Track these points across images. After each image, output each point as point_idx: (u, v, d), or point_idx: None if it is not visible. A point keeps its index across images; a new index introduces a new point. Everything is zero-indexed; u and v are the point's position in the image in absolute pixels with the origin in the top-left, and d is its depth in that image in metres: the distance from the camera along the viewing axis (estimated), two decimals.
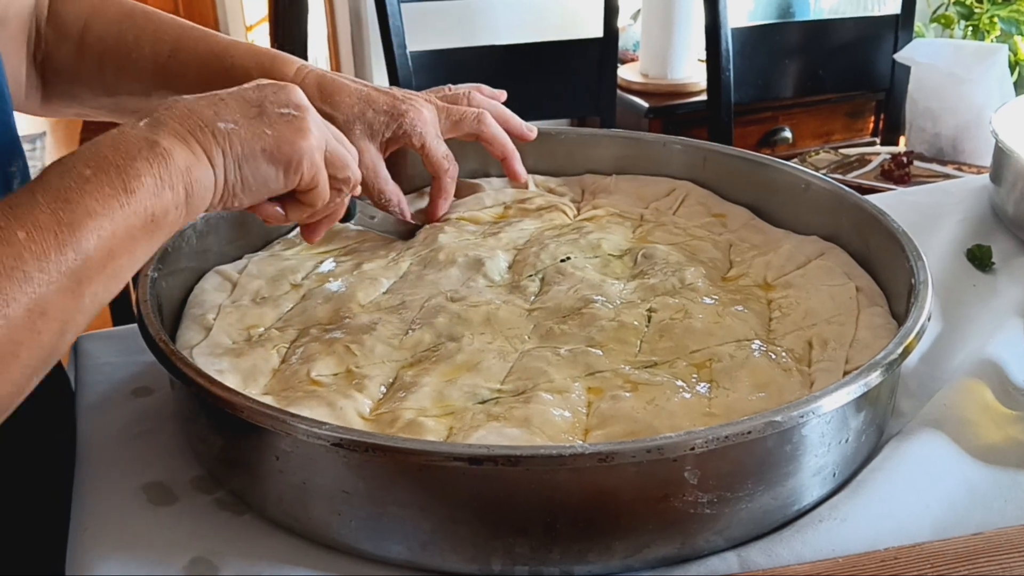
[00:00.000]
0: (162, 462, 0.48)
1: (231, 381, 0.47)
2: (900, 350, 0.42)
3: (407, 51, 1.51)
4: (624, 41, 1.99)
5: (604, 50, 1.59)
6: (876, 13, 1.95)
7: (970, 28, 1.93)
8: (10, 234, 0.36)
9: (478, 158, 0.71)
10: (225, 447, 0.44)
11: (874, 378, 0.41)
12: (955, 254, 0.66)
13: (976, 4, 1.97)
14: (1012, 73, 1.57)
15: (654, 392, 0.46)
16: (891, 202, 0.74)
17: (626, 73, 1.87)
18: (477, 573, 0.40)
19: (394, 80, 1.50)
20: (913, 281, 0.48)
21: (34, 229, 0.36)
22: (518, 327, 0.52)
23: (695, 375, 0.48)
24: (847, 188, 0.59)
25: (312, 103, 0.48)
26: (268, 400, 0.45)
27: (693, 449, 0.38)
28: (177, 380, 0.44)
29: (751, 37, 1.61)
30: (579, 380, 0.48)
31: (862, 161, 1.45)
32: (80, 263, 0.37)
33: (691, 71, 1.84)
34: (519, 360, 0.49)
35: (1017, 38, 1.85)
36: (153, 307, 0.48)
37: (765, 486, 0.40)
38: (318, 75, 0.59)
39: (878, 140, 1.85)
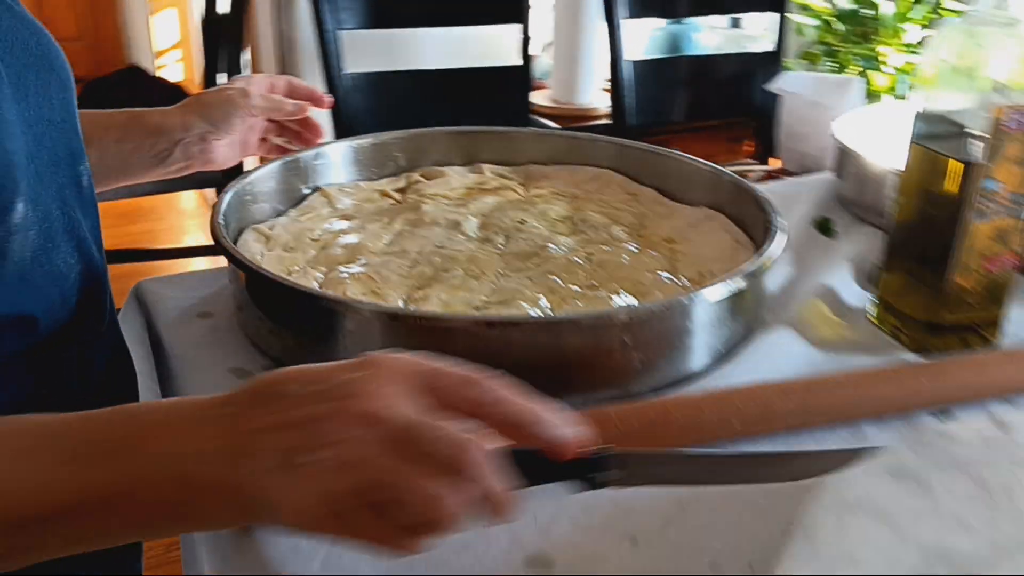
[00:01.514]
0: (238, 356, 0.64)
1: None
2: (758, 264, 0.63)
3: (343, 73, 1.68)
4: (535, 70, 2.21)
5: (521, 76, 1.80)
6: (752, 50, 2.22)
7: (833, 64, 2.23)
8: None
9: (440, 151, 0.90)
10: (296, 334, 0.61)
11: (739, 280, 0.61)
12: (806, 226, 0.89)
13: (837, 43, 2.27)
14: (869, 101, 1.85)
15: (597, 303, 0.66)
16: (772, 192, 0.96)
17: (537, 98, 2.09)
18: None
19: (334, 97, 1.67)
20: (770, 226, 0.69)
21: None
22: (493, 264, 0.71)
23: (623, 292, 0.68)
24: (725, 170, 0.80)
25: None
26: None
27: (626, 318, 0.57)
28: (255, 276, 0.61)
29: (646, 69, 1.85)
30: (544, 295, 0.67)
31: (742, 176, 1.70)
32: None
33: (595, 97, 2.08)
34: (498, 283, 0.68)
35: (871, 72, 2.14)
36: (223, 235, 0.65)
37: (676, 351, 0.60)
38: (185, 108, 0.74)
39: (755, 161, 2.12)
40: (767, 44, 2.00)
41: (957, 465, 0.47)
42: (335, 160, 0.84)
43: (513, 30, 1.80)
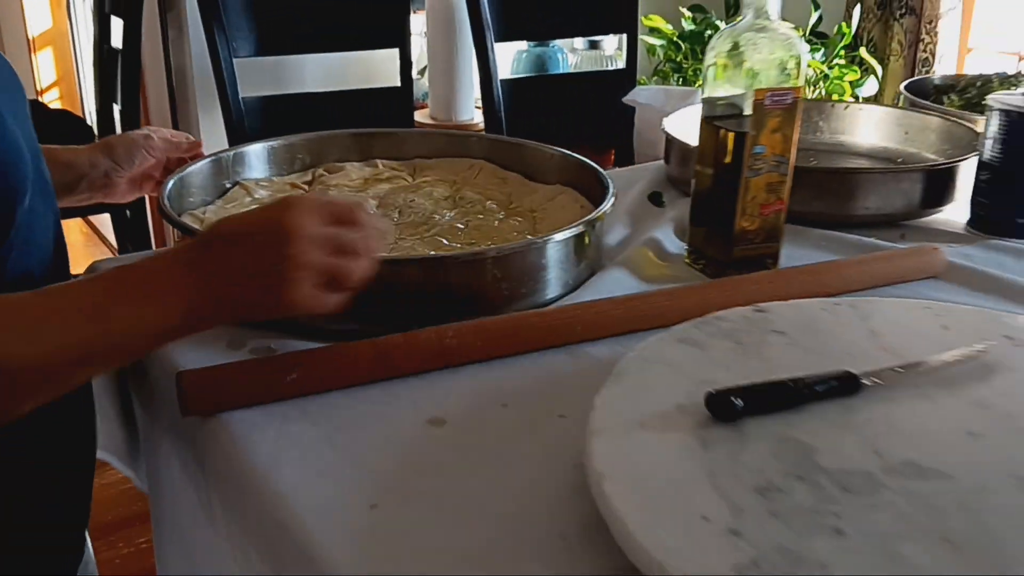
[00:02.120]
0: None
1: None
2: (594, 215, 0.83)
3: (239, 97, 1.83)
4: (414, 92, 2.40)
5: (403, 97, 1.98)
6: (609, 68, 2.48)
7: (680, 79, 2.50)
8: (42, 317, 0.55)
9: (340, 149, 1.08)
10: None
11: (579, 227, 0.81)
12: (642, 199, 1.10)
13: (684, 61, 2.55)
14: None
15: None
16: (615, 176, 1.16)
17: (419, 117, 2.28)
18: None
19: (229, 122, 1.82)
20: (605, 191, 0.89)
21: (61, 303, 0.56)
22: (392, 231, 0.89)
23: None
24: (572, 154, 1.00)
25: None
26: None
27: (495, 254, 0.76)
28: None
29: (516, 87, 2.06)
30: (433, 251, 0.85)
31: None
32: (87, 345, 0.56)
33: (472, 114, 2.28)
34: (396, 245, 0.86)
35: None
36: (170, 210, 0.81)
37: (535, 283, 0.79)
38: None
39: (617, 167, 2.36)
40: (622, 63, 2.24)
41: (724, 333, 0.68)
42: (252, 159, 1.01)
43: (393, 54, 1.98)
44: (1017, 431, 0.57)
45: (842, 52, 2.58)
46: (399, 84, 1.98)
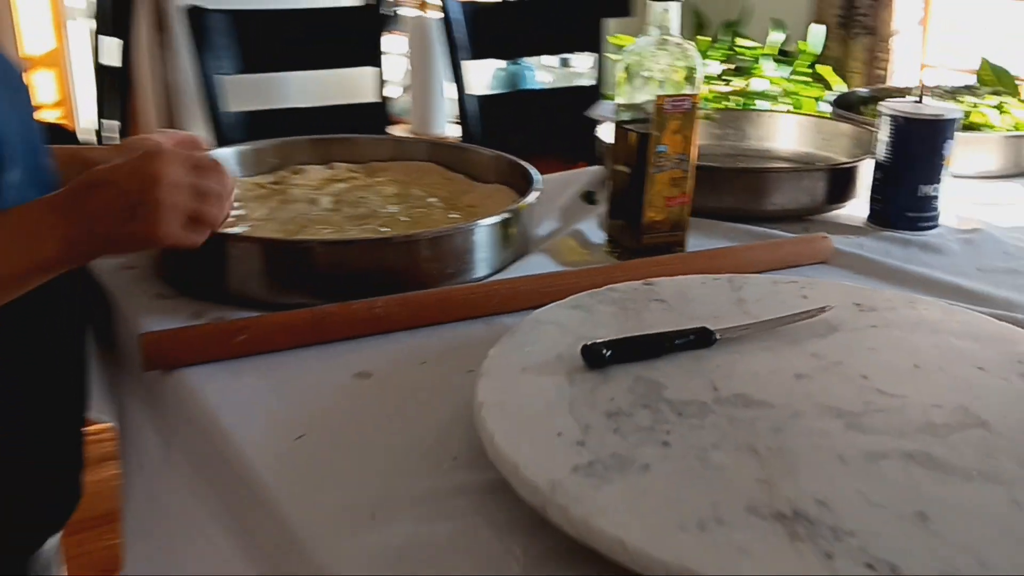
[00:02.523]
0: (156, 284, 0.91)
1: None
2: (517, 205, 0.95)
3: (224, 112, 1.95)
4: (397, 108, 2.53)
5: (379, 112, 2.11)
6: (579, 84, 2.60)
7: None
8: None
9: (304, 154, 1.19)
10: (198, 266, 0.89)
11: (504, 215, 0.92)
12: (576, 198, 1.21)
13: None
14: None
15: None
16: (555, 178, 1.28)
17: (397, 131, 2.41)
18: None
19: (215, 135, 1.94)
20: (530, 185, 1.01)
21: None
22: (341, 222, 1.01)
23: None
24: (506, 155, 1.12)
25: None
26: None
27: (429, 237, 0.87)
28: None
29: (488, 103, 2.18)
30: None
31: None
32: None
33: (448, 130, 2.41)
34: (345, 233, 0.98)
35: None
36: None
37: (465, 264, 0.90)
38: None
39: None
40: (590, 80, 2.36)
41: (611, 301, 0.79)
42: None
43: (370, 72, 2.11)
44: (840, 374, 0.68)
45: (805, 69, 2.71)
46: (376, 100, 2.10)
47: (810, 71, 2.68)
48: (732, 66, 2.64)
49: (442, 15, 2.10)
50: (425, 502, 0.59)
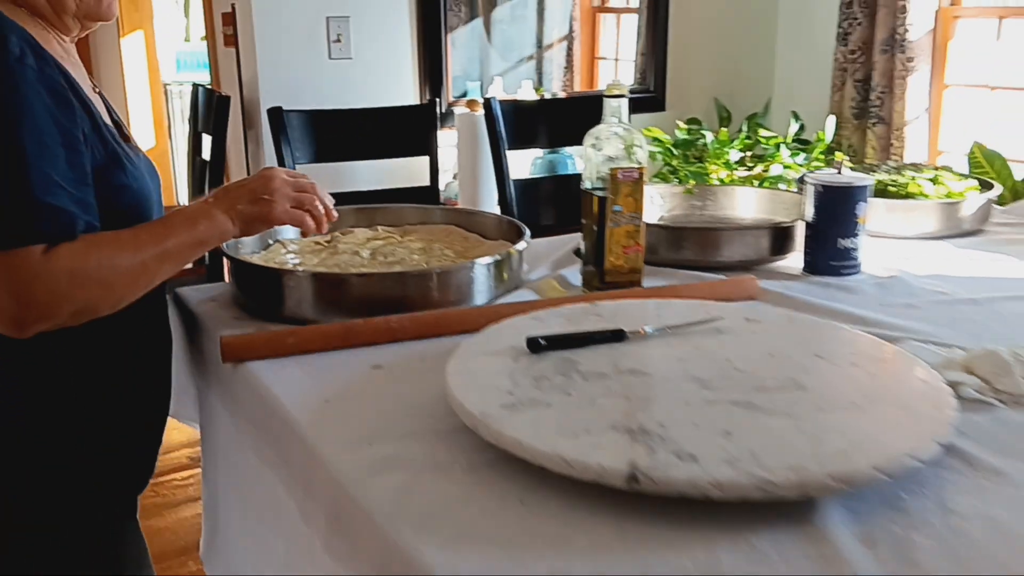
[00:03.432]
0: (232, 310, 1.22)
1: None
2: (505, 252, 1.23)
3: None
4: (448, 192, 2.87)
5: (431, 193, 2.44)
6: None
7: (676, 179, 2.91)
8: (148, 247, 0.99)
9: (352, 219, 1.51)
10: (264, 298, 1.19)
11: (495, 257, 1.21)
12: (569, 253, 1.49)
13: (679, 164, 2.96)
14: None
15: None
16: (556, 240, 1.56)
17: None
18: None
19: None
20: (522, 238, 1.29)
21: (146, 234, 1.00)
22: (375, 267, 1.31)
23: None
24: (507, 217, 1.41)
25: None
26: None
27: (433, 274, 1.16)
28: (241, 264, 1.19)
29: (527, 186, 2.51)
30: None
31: None
32: (163, 252, 1.00)
33: (494, 209, 2.73)
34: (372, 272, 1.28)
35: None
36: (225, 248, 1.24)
37: (465, 295, 1.19)
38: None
39: None
40: None
41: (561, 315, 1.06)
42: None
43: (423, 161, 2.46)
44: (711, 358, 0.94)
45: (821, 156, 2.97)
46: (428, 184, 2.44)
47: (824, 157, 2.94)
48: (751, 153, 2.92)
49: (486, 112, 2.44)
50: (405, 437, 0.87)
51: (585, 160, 1.28)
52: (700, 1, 3.39)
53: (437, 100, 2.63)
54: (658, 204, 1.65)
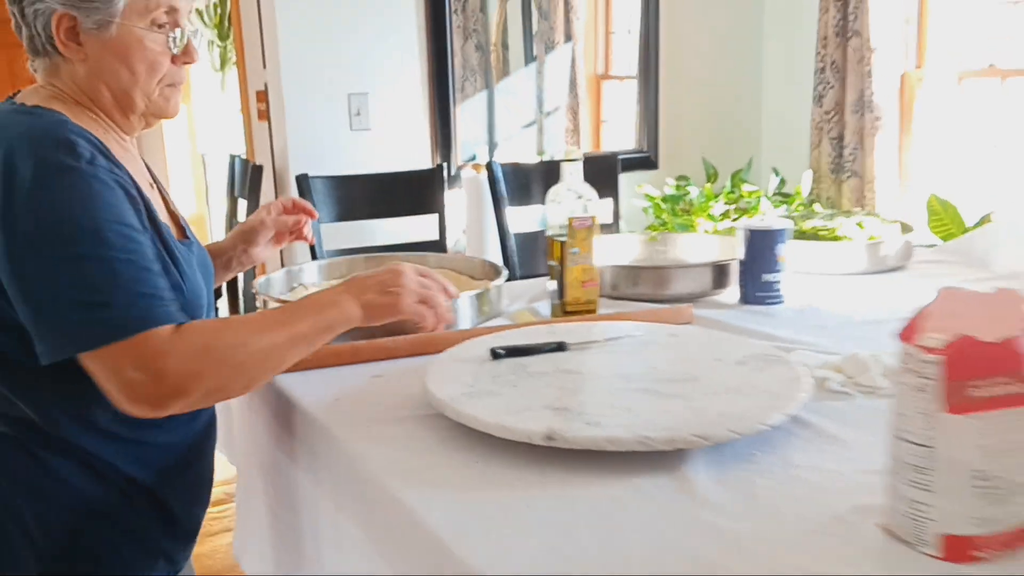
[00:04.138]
0: None
1: None
2: (484, 287, 1.52)
3: (324, 250, 2.60)
4: (458, 246, 3.18)
5: (439, 247, 2.74)
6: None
7: (663, 231, 3.19)
8: (279, 329, 1.03)
9: (363, 266, 1.80)
10: None
11: (477, 291, 1.49)
12: (544, 291, 1.77)
13: (668, 218, 3.24)
14: None
15: None
16: (538, 280, 1.85)
17: None
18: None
19: None
20: (498, 277, 1.58)
21: (275, 316, 1.07)
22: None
23: None
24: (491, 261, 1.70)
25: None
26: None
27: None
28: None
29: (526, 239, 2.79)
30: None
31: None
32: (294, 335, 1.04)
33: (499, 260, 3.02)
34: None
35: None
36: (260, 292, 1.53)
37: (452, 322, 1.47)
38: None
39: None
40: (610, 219, 2.96)
41: (523, 333, 1.34)
42: (310, 271, 1.75)
43: (432, 218, 2.76)
44: (635, 360, 1.21)
45: (800, 207, 3.24)
46: (436, 238, 2.74)
47: (802, 208, 3.21)
48: (735, 206, 3.20)
49: (488, 173, 2.75)
50: (394, 421, 1.14)
51: (548, 213, 1.56)
52: (689, 69, 3.71)
53: (445, 164, 2.94)
54: (627, 250, 1.93)
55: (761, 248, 1.60)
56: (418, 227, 2.90)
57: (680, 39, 3.68)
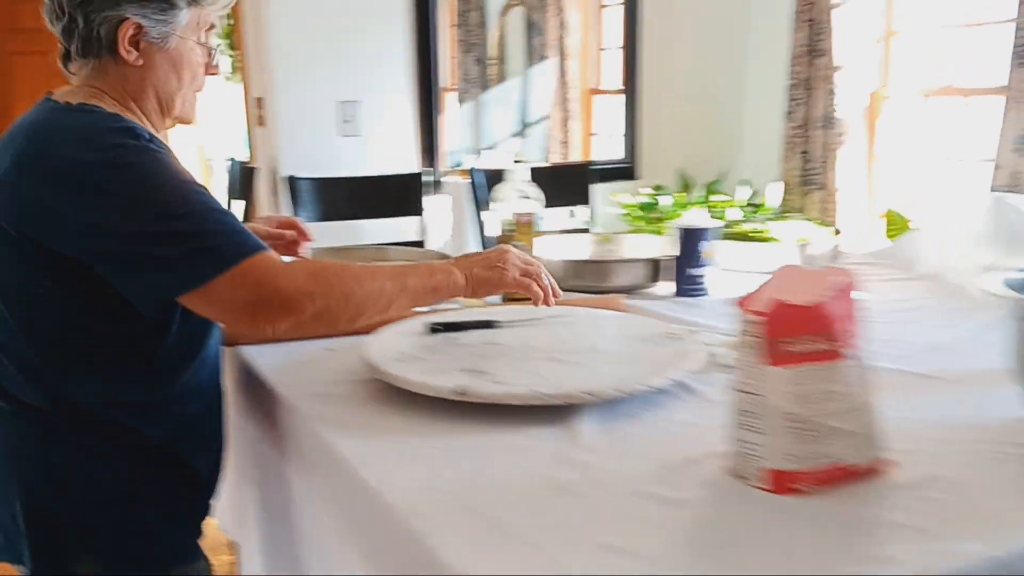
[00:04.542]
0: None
1: None
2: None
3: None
4: (445, 247, 3.36)
5: (420, 247, 2.91)
6: (576, 227, 3.36)
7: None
8: (389, 278, 1.15)
9: (340, 256, 1.97)
10: None
11: None
12: None
13: (642, 225, 3.41)
14: None
15: None
16: None
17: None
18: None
19: None
20: None
21: (386, 269, 1.17)
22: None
23: None
24: (447, 254, 1.87)
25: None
26: None
27: None
28: None
29: (504, 241, 2.96)
30: None
31: None
32: (403, 286, 1.16)
33: None
34: None
35: None
36: None
37: None
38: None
39: None
40: (583, 224, 3.13)
41: (466, 315, 1.51)
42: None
43: (414, 220, 2.93)
44: (551, 336, 1.37)
45: (772, 217, 3.40)
46: (418, 239, 2.92)
47: (776, 217, 3.37)
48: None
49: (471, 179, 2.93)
50: (339, 383, 1.31)
51: (496, 210, 1.73)
52: (670, 84, 3.88)
53: (427, 169, 3.12)
54: (581, 248, 2.10)
55: (689, 245, 1.76)
56: (401, 228, 3.08)
57: (662, 55, 3.85)
